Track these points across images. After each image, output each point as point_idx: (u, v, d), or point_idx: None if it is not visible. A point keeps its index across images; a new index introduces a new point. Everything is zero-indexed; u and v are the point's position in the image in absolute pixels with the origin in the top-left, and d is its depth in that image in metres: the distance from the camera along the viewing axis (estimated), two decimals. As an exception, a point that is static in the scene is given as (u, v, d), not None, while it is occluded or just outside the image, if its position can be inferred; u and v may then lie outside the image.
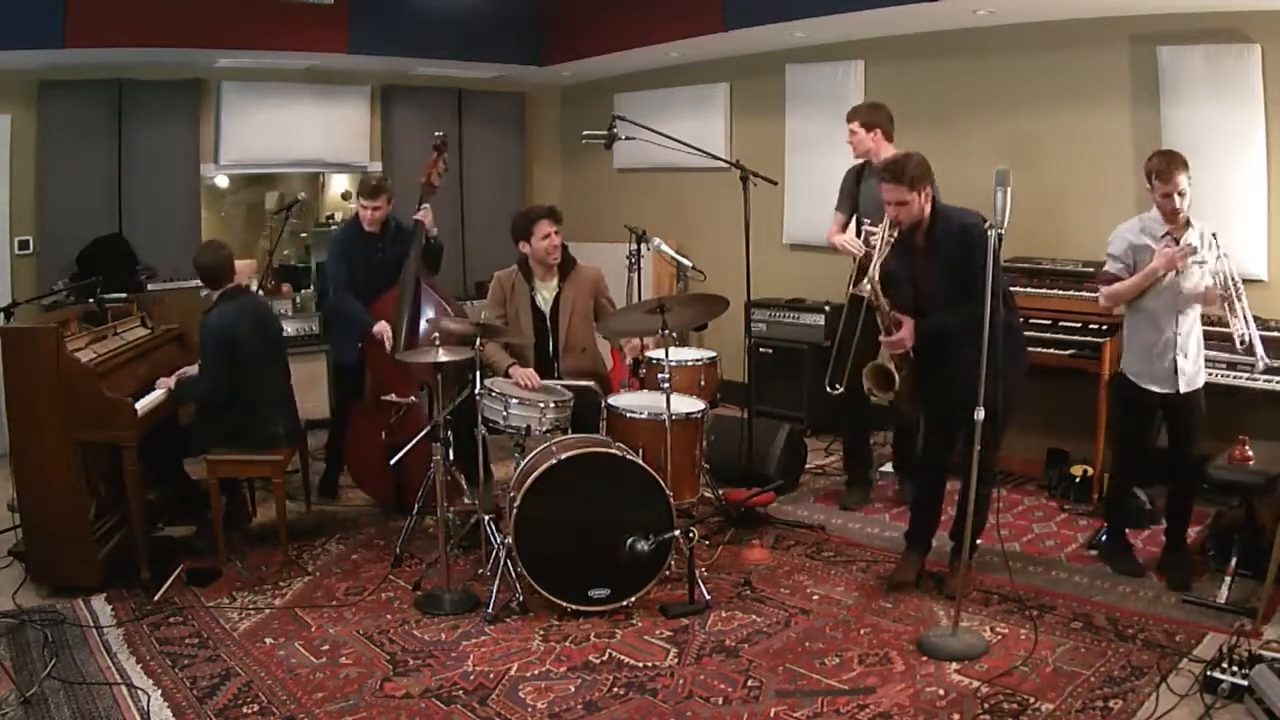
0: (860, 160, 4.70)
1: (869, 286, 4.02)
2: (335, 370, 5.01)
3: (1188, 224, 3.63)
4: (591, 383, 4.42)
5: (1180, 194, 3.60)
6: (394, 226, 4.95)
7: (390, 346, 4.62)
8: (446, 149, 5.00)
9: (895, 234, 3.61)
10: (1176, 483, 3.94)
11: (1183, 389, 3.75)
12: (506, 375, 4.30)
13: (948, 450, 3.88)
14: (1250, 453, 3.66)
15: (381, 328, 4.67)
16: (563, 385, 4.25)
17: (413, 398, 4.65)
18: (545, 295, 4.55)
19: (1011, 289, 3.99)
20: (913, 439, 4.66)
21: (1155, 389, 3.79)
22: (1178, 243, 3.62)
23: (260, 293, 6.28)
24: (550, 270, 4.55)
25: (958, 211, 3.65)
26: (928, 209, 3.63)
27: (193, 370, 4.31)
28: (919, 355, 3.77)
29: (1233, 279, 3.61)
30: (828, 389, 4.58)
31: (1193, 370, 3.76)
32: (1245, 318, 3.56)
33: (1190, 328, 3.75)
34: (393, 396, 4.64)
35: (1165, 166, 3.61)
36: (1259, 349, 3.55)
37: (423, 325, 4.76)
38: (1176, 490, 3.95)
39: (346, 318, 4.83)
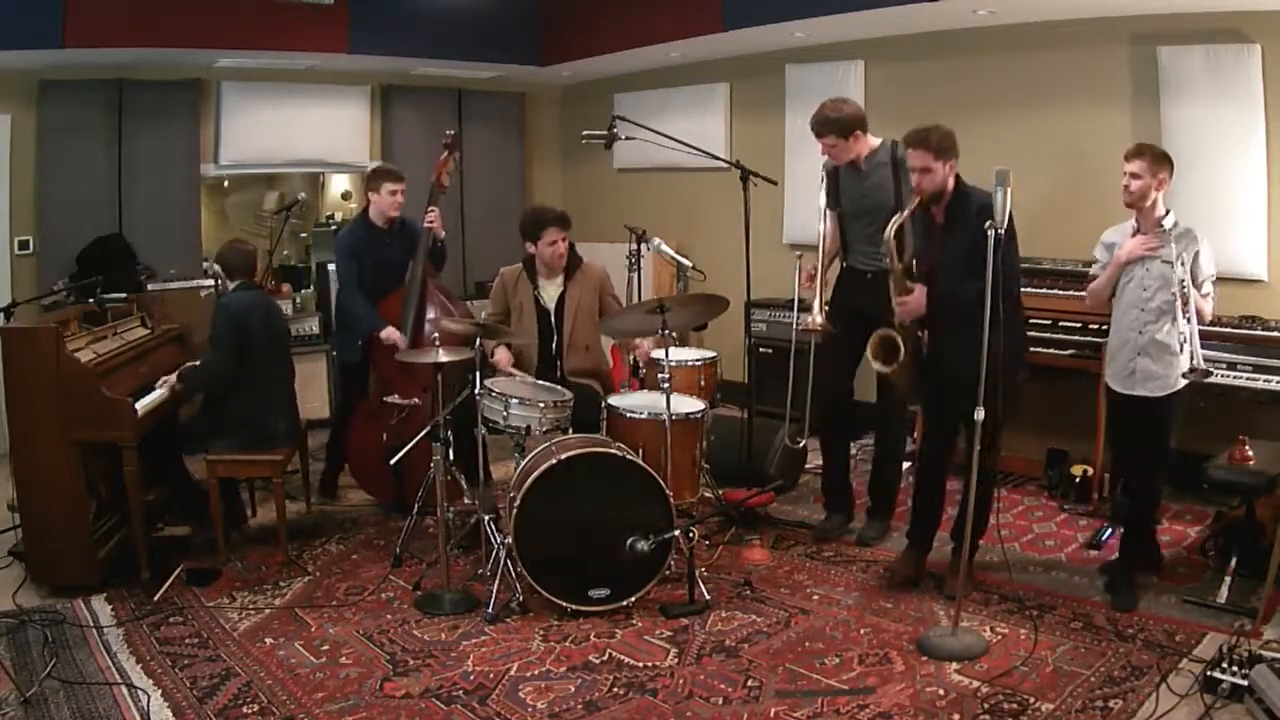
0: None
1: (819, 320, 4.05)
2: (339, 369, 5.00)
3: (1159, 220, 3.57)
4: (593, 382, 4.42)
5: (1132, 176, 3.54)
6: (399, 224, 4.93)
7: (401, 349, 4.61)
8: (458, 147, 4.95)
9: (916, 203, 3.63)
10: (1132, 497, 3.83)
11: (1141, 393, 3.60)
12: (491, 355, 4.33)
13: (948, 446, 3.86)
14: (1250, 453, 3.66)
15: (390, 333, 4.66)
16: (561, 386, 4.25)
17: (415, 400, 4.64)
18: (549, 294, 4.56)
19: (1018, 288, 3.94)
20: (885, 469, 4.50)
21: (1117, 388, 3.71)
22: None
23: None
24: (555, 271, 4.56)
25: (980, 192, 3.58)
26: (951, 182, 3.63)
27: (195, 364, 4.32)
28: (923, 335, 3.75)
29: (1183, 282, 3.44)
30: (789, 444, 4.61)
31: (1158, 373, 3.54)
32: (1188, 324, 3.40)
33: (1159, 330, 3.54)
34: (395, 398, 4.64)
35: (1132, 150, 3.59)
36: (1197, 358, 3.37)
37: (426, 327, 4.76)
38: (1131, 505, 3.83)
39: (353, 317, 4.81)
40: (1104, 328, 4.61)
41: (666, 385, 3.96)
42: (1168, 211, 3.61)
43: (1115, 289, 3.71)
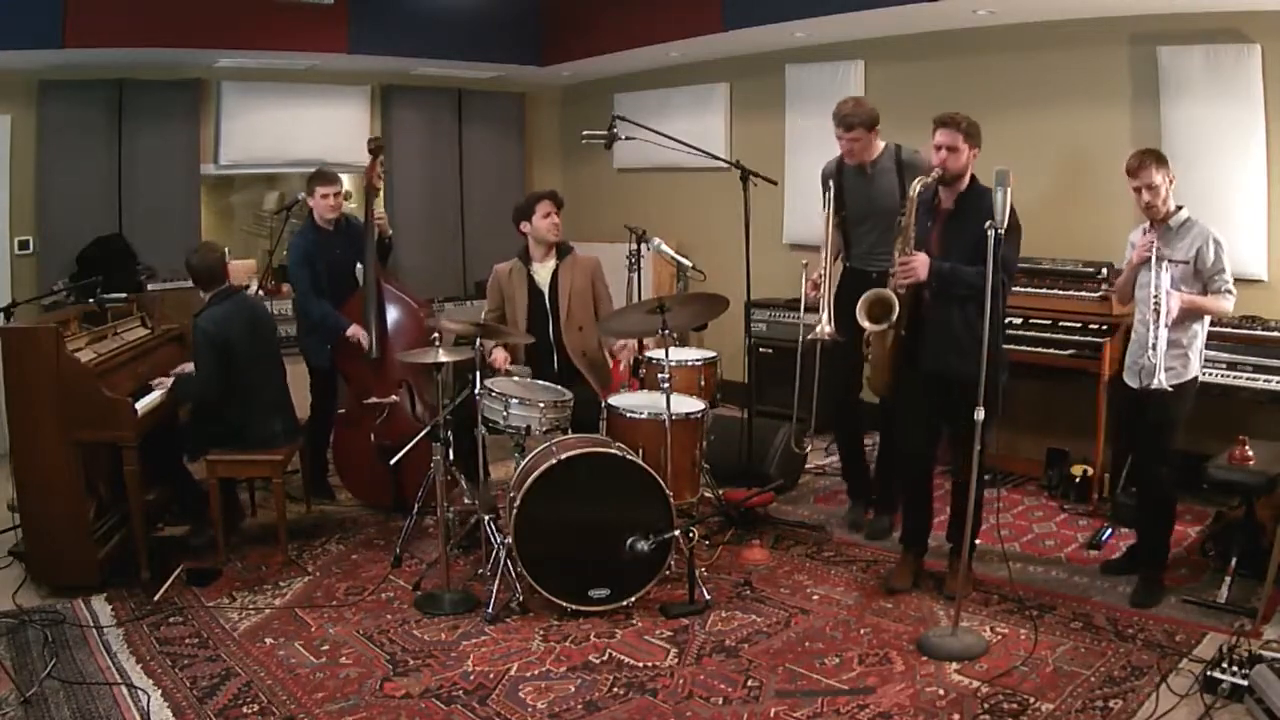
0: (837, 156, 4.35)
1: (827, 330, 4.04)
2: (310, 374, 5.01)
3: (1166, 220, 3.59)
4: (591, 375, 4.45)
5: (1149, 188, 3.56)
6: (345, 223, 4.97)
7: (366, 347, 4.68)
8: (383, 151, 4.98)
9: (936, 176, 3.59)
10: (1139, 491, 3.85)
11: (1144, 385, 3.56)
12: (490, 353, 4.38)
13: (931, 445, 3.84)
14: (1250, 453, 3.66)
15: (355, 330, 4.71)
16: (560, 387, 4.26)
17: (393, 397, 4.70)
18: (543, 275, 4.63)
19: (1012, 288, 3.98)
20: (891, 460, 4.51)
21: (1130, 383, 3.74)
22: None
23: (260, 293, 6.30)
24: (548, 250, 4.64)
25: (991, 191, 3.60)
26: (970, 171, 3.62)
27: (190, 367, 4.31)
28: (909, 325, 3.70)
29: (1161, 291, 3.49)
30: (794, 448, 4.78)
31: (1156, 366, 3.48)
32: (1156, 336, 3.47)
33: (1166, 326, 3.51)
34: (374, 399, 4.68)
35: (1135, 163, 3.60)
36: (1159, 374, 3.43)
37: (390, 325, 4.79)
38: (1139, 501, 3.84)
39: (316, 321, 4.83)
40: (1104, 327, 4.65)
41: (666, 385, 3.96)
42: (1179, 208, 3.62)
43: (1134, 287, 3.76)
